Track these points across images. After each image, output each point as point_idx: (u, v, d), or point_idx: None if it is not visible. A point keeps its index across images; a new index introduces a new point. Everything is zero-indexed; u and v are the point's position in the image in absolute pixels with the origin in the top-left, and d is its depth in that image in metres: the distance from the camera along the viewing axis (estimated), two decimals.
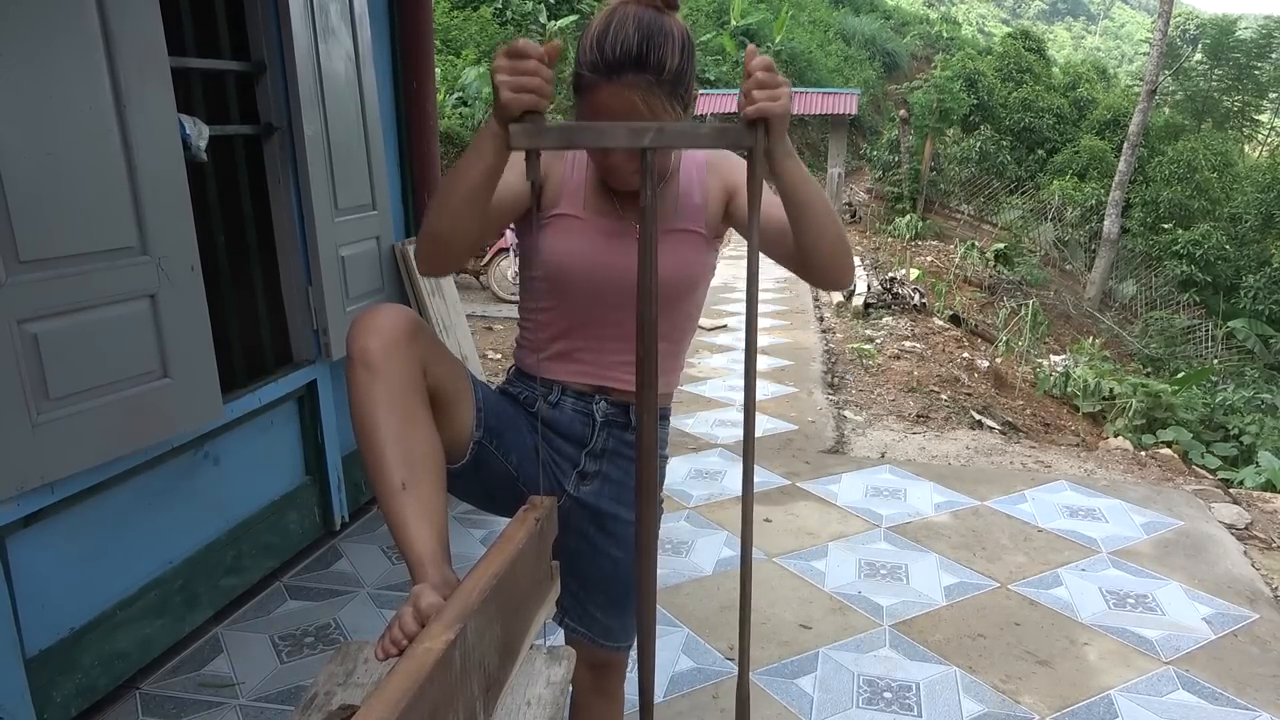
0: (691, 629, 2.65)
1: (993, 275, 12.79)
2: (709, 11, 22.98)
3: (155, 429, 2.27)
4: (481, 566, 1.04)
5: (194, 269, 2.36)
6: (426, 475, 1.16)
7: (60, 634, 2.15)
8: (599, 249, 1.36)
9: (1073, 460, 4.25)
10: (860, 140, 21.62)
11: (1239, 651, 2.56)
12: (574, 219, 1.37)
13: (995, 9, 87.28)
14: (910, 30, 33.08)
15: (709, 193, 1.42)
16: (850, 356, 6.46)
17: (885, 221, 14.95)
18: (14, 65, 1.87)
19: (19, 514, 1.99)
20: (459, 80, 13.02)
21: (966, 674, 2.45)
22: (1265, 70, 22.58)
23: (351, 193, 3.09)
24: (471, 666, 0.94)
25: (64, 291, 2.01)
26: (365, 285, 3.20)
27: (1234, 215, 17.01)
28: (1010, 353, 8.30)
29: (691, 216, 1.41)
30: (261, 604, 2.79)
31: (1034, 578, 2.99)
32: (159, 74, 2.22)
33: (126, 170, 2.14)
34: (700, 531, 3.32)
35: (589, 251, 1.36)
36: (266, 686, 2.37)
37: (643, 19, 1.22)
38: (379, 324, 1.17)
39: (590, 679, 1.60)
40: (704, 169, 1.44)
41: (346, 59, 3.02)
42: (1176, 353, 12.54)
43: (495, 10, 16.56)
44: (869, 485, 3.79)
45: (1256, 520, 3.49)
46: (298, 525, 3.04)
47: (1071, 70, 25.15)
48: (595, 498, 1.49)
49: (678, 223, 1.40)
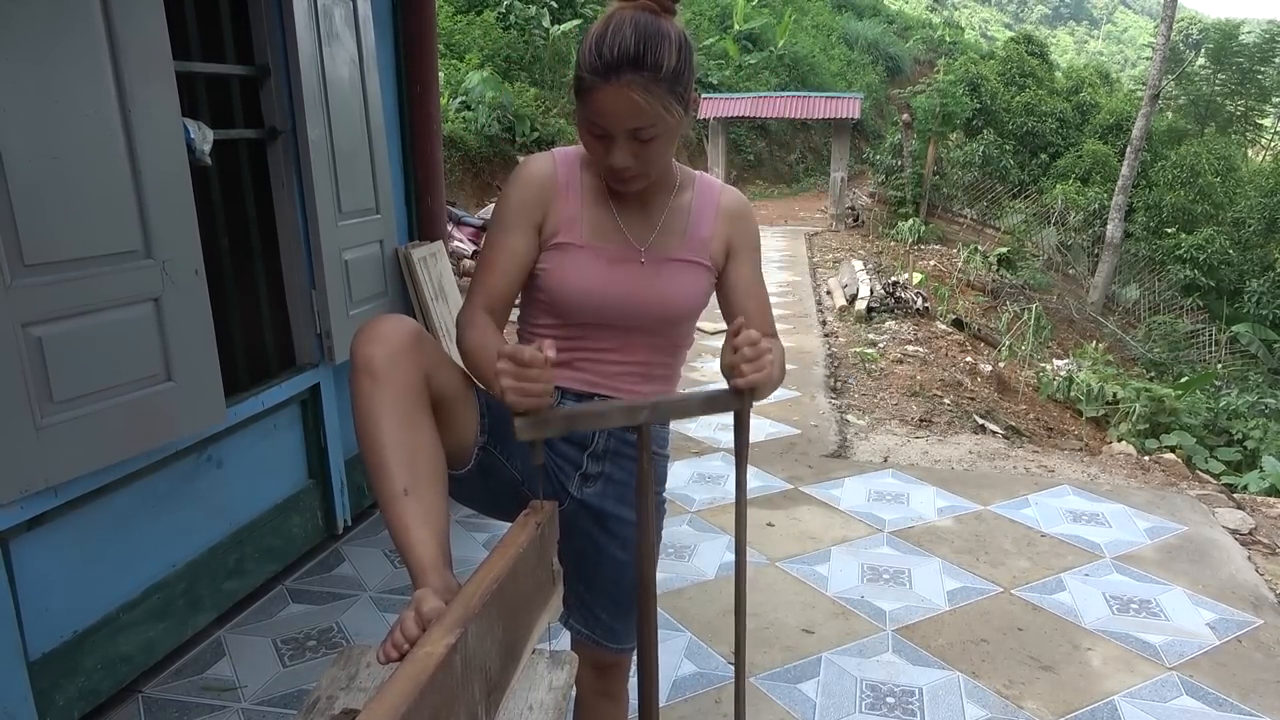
0: (694, 633, 2.64)
1: (996, 279, 12.78)
2: (712, 16, 23.03)
3: (158, 432, 2.27)
4: (483, 571, 1.04)
5: (198, 272, 2.36)
6: (428, 481, 1.17)
7: (63, 637, 2.15)
8: (600, 275, 1.39)
9: (1076, 465, 4.24)
10: (863, 144, 21.62)
11: (1243, 657, 2.55)
12: (574, 247, 1.39)
13: (998, 13, 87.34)
14: (913, 35, 33.11)
15: (717, 235, 1.46)
16: (853, 360, 6.46)
17: (888, 225, 14.94)
18: (19, 69, 1.88)
19: (22, 517, 2.00)
20: (462, 84, 13.04)
21: (969, 679, 2.44)
22: (1269, 75, 22.56)
23: (355, 196, 3.10)
24: (473, 671, 0.94)
25: (68, 295, 2.02)
26: (368, 289, 3.21)
27: (1237, 220, 16.98)
28: (1013, 357, 8.29)
29: (698, 248, 1.45)
30: (264, 607, 2.79)
31: (1037, 583, 2.98)
32: (163, 78, 2.23)
33: (131, 174, 2.14)
34: (703, 536, 3.31)
35: (589, 278, 1.38)
36: (269, 690, 2.37)
37: (639, 21, 1.24)
38: (383, 333, 1.19)
39: (594, 680, 1.61)
40: (717, 212, 1.47)
41: (350, 63, 3.03)
42: (1180, 357, 12.50)
43: (499, 15, 16.59)
44: (872, 489, 3.79)
45: (1260, 525, 3.48)
46: (300, 529, 3.05)
47: (1074, 74, 25.13)
48: (598, 499, 1.50)
49: (684, 253, 1.43)
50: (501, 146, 12.98)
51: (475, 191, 12.00)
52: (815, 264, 11.40)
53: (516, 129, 13.27)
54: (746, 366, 1.11)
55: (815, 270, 10.90)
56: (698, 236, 1.44)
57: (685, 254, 1.43)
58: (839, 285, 9.23)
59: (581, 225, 1.40)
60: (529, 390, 1.07)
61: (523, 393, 1.07)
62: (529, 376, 1.06)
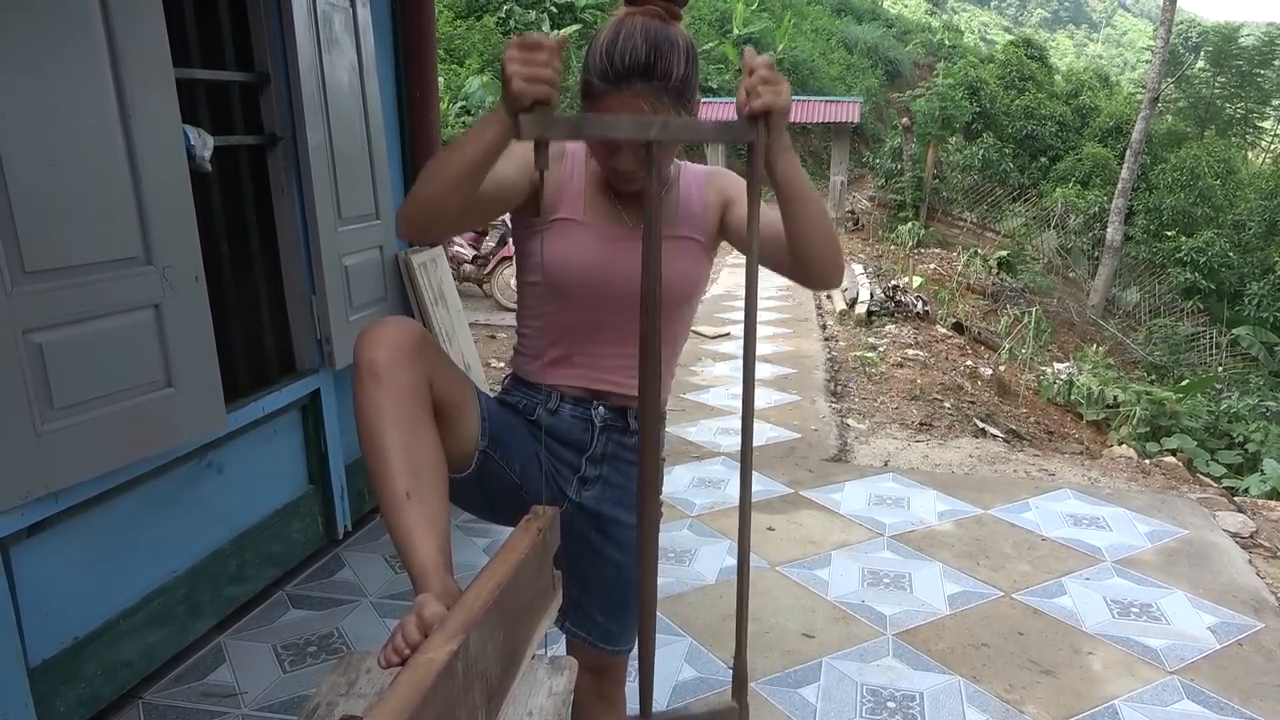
0: (694, 638, 2.64)
1: (996, 283, 12.79)
2: (711, 20, 23.06)
3: (159, 438, 2.28)
4: (484, 576, 1.04)
5: (198, 279, 2.37)
6: (430, 485, 1.17)
7: (64, 643, 2.15)
8: (600, 253, 1.39)
9: (1077, 468, 4.24)
10: (863, 148, 21.64)
11: (1244, 661, 2.55)
12: (574, 223, 1.40)
13: (997, 17, 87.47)
14: (913, 38, 33.17)
15: (707, 204, 1.47)
16: (853, 364, 6.46)
17: (888, 229, 14.96)
18: (20, 77, 1.88)
19: (23, 523, 2.00)
20: (462, 89, 13.07)
21: (970, 684, 2.44)
22: (1268, 77, 22.59)
23: (355, 202, 3.10)
24: (474, 677, 0.95)
25: (69, 301, 2.02)
26: (369, 294, 3.21)
27: (1237, 222, 16.99)
28: (1014, 360, 8.29)
29: (691, 224, 1.45)
30: (264, 613, 2.79)
31: (1038, 586, 2.98)
32: (164, 85, 2.23)
33: (131, 181, 2.15)
34: (703, 540, 3.31)
35: (590, 255, 1.38)
36: (269, 696, 2.37)
37: (650, 29, 1.25)
38: (386, 337, 1.19)
39: (590, 683, 1.62)
40: (703, 182, 1.49)
41: (350, 69, 3.04)
42: (1180, 360, 12.50)
43: (498, 20, 16.63)
44: (872, 493, 3.79)
45: (1261, 528, 3.48)
46: (301, 534, 3.05)
47: (1074, 78, 25.15)
48: (596, 502, 1.51)
49: (678, 230, 1.44)
50: None
51: None
52: None
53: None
54: (763, 88, 1.06)
55: None
56: (690, 213, 1.46)
57: (679, 230, 1.43)
58: (839, 289, 9.24)
59: (583, 203, 1.40)
60: (538, 75, 1.01)
61: (531, 78, 1.00)
62: (537, 61, 1.01)
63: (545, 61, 1.01)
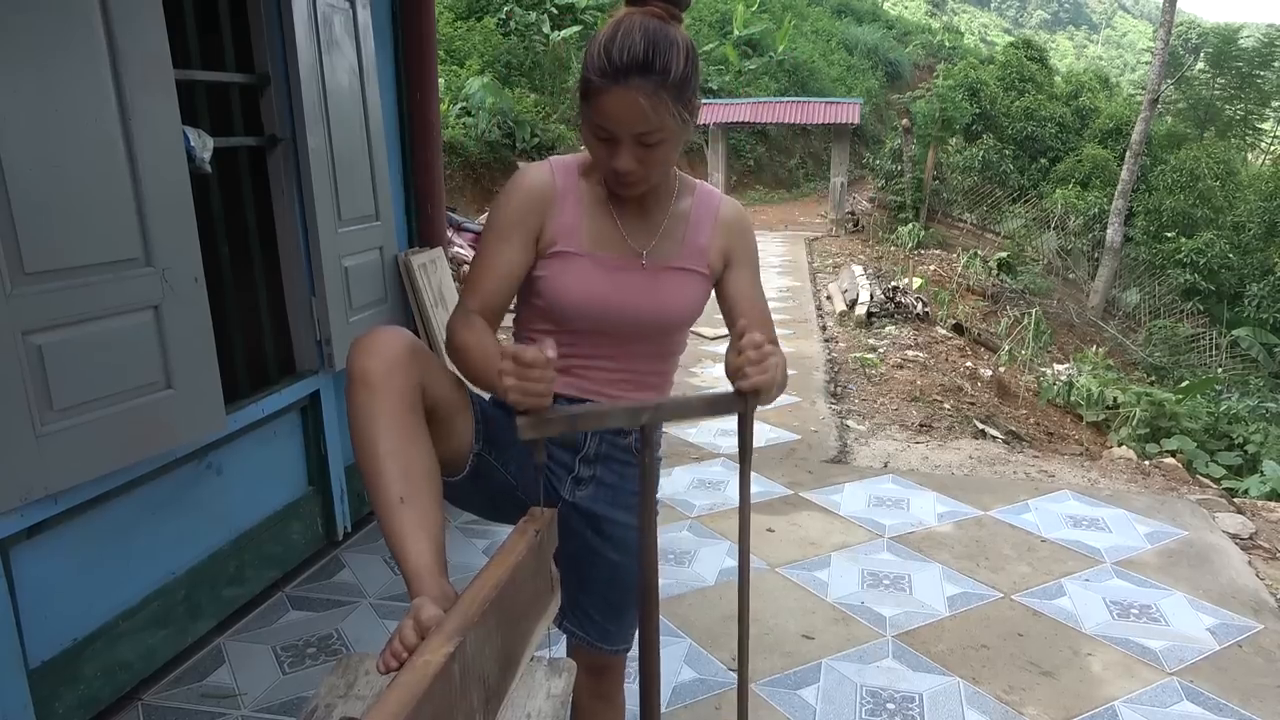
0: (694, 639, 2.64)
1: (996, 284, 12.78)
2: (712, 22, 23.07)
3: (158, 440, 2.28)
4: (481, 579, 1.04)
5: (197, 280, 2.37)
6: (424, 490, 1.19)
7: (63, 645, 2.15)
8: (599, 284, 1.40)
9: (1076, 470, 4.24)
10: (863, 149, 21.63)
11: (1243, 662, 2.55)
12: (574, 255, 1.40)
13: (997, 18, 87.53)
14: (913, 40, 33.16)
15: (714, 244, 1.47)
16: (853, 366, 6.46)
17: (888, 230, 14.94)
18: (20, 78, 1.88)
19: (23, 525, 2.00)
20: (463, 90, 13.07)
21: (970, 685, 2.44)
22: (1268, 79, 22.57)
23: (355, 204, 3.10)
24: (471, 679, 0.95)
25: (68, 303, 2.02)
26: (368, 296, 3.21)
27: (1237, 224, 16.99)
28: (1013, 362, 8.29)
29: (696, 258, 1.46)
30: (264, 614, 2.79)
31: (1037, 588, 2.98)
32: (164, 87, 2.24)
33: (131, 182, 2.15)
34: (703, 542, 3.31)
35: (589, 287, 1.40)
36: (269, 697, 2.37)
37: (649, 27, 1.26)
38: (378, 345, 1.21)
39: (589, 683, 1.63)
40: (716, 222, 1.48)
41: (350, 71, 3.04)
42: (1180, 361, 12.50)
43: (499, 21, 16.64)
44: (872, 495, 3.79)
45: (1261, 530, 3.48)
46: (300, 535, 3.05)
47: (1074, 79, 25.12)
48: (591, 502, 1.52)
49: (683, 262, 1.45)
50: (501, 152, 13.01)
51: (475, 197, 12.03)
52: (815, 269, 11.41)
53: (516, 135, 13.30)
54: (751, 369, 1.11)
55: (815, 275, 10.91)
56: (696, 244, 1.46)
57: (684, 262, 1.45)
58: (839, 290, 9.24)
59: (581, 233, 1.41)
60: (531, 390, 1.08)
61: (525, 392, 1.08)
62: (531, 376, 1.08)
63: (539, 379, 1.08)
